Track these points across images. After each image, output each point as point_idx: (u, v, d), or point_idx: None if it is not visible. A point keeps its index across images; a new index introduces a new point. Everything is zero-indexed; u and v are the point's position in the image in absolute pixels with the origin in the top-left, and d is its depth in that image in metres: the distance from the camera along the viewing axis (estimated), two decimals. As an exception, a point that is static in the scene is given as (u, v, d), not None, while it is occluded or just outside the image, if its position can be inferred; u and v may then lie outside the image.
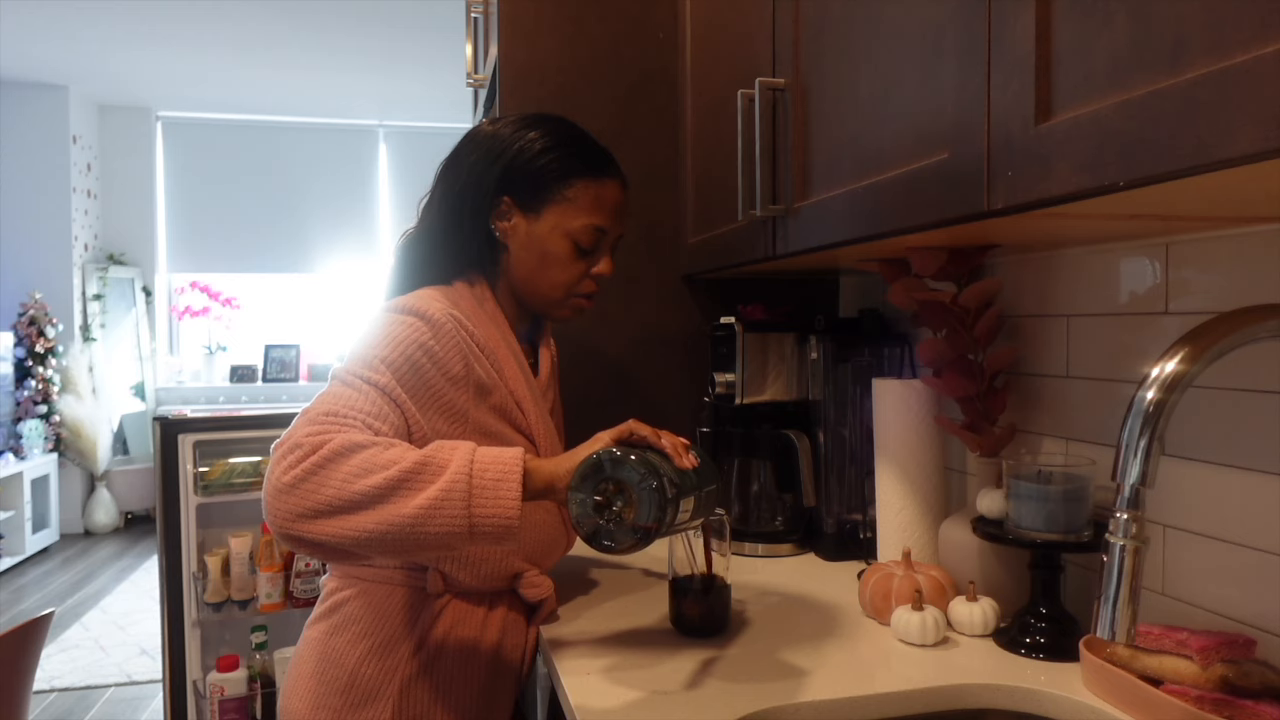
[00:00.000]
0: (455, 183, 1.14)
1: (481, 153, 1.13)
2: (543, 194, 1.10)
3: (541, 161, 1.10)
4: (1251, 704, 0.81)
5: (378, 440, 0.89)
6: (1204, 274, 0.97)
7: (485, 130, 1.15)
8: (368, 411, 0.94)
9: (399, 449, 0.88)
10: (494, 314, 1.13)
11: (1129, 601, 0.65)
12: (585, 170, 1.12)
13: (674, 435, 0.98)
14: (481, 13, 2.07)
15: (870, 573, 1.20)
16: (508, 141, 1.12)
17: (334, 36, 4.81)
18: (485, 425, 1.07)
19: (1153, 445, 0.65)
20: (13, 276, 5.63)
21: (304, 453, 0.87)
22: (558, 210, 1.11)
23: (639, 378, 1.68)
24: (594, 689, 0.98)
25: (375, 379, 0.97)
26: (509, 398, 1.10)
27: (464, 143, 1.16)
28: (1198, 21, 0.54)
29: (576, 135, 1.14)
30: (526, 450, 0.95)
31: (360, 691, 1.06)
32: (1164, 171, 0.56)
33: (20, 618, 4.07)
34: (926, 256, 1.14)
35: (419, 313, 1.03)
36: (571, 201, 1.11)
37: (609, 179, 1.14)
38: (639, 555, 1.50)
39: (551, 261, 1.12)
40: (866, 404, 1.38)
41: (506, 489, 0.86)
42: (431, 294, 1.08)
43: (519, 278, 1.14)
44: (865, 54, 0.96)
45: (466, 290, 1.12)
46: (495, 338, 1.10)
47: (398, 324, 1.02)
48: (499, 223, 1.12)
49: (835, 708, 0.94)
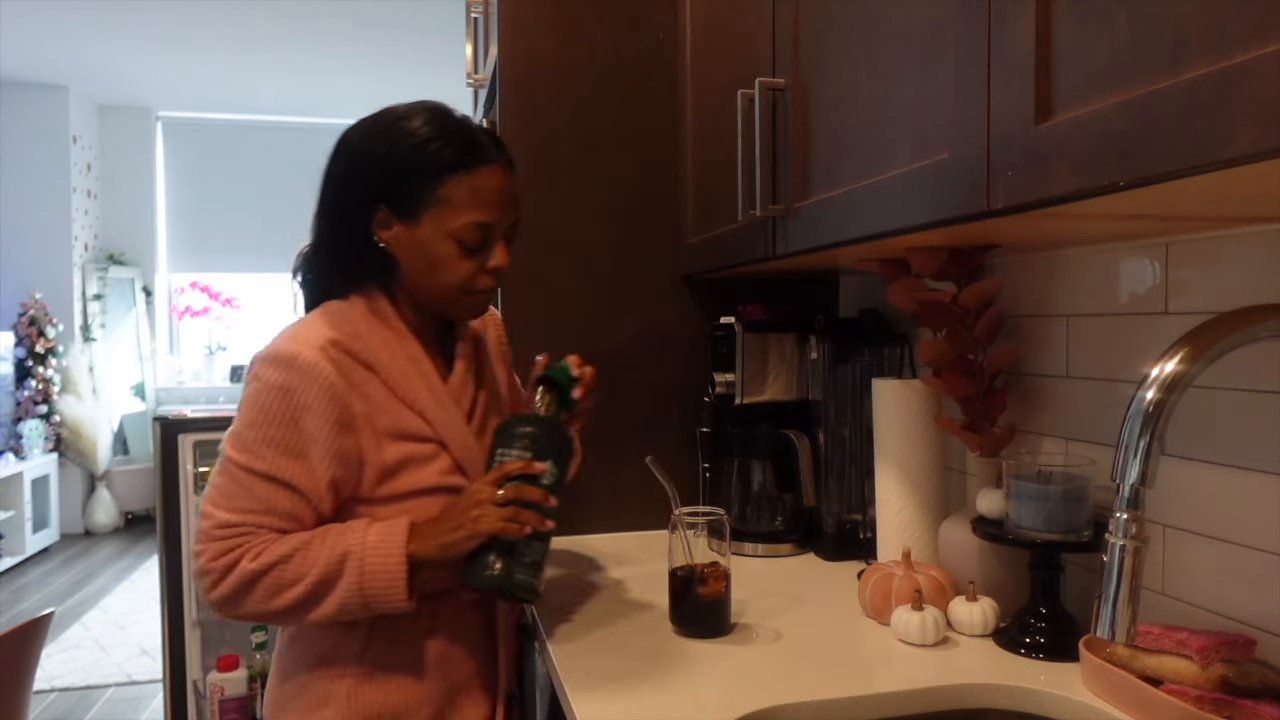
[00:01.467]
0: (330, 197, 1.11)
1: (348, 163, 1.09)
2: (416, 198, 1.05)
3: (407, 164, 1.05)
4: (1251, 704, 0.81)
5: (274, 561, 0.98)
6: (1204, 274, 0.97)
7: (350, 138, 1.10)
8: (258, 511, 0.99)
9: (295, 563, 0.98)
10: (393, 325, 1.10)
11: (1129, 601, 0.65)
12: (455, 165, 1.05)
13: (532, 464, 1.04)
14: (481, 13, 2.07)
15: (870, 573, 1.20)
16: (371, 148, 1.08)
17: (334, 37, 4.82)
18: (384, 462, 1.04)
19: (1153, 445, 0.65)
20: (13, 276, 5.63)
21: (214, 579, 0.98)
22: (435, 213, 1.05)
23: (639, 378, 1.68)
24: (594, 689, 0.98)
25: (255, 466, 0.99)
26: (406, 411, 1.06)
27: (334, 155, 1.11)
28: (1198, 21, 0.54)
29: (440, 128, 1.07)
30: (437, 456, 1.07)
31: (313, 697, 1.07)
32: (1164, 171, 0.56)
33: (20, 618, 4.07)
34: (926, 256, 1.14)
35: (285, 361, 1.00)
36: (447, 202, 1.05)
37: (484, 167, 1.07)
38: (638, 555, 1.50)
39: (440, 265, 1.07)
40: (866, 404, 1.38)
41: (394, 593, 0.99)
42: (311, 324, 1.06)
43: (412, 284, 1.10)
44: (865, 54, 0.96)
45: (362, 304, 1.09)
46: (391, 348, 1.08)
47: (266, 384, 1.00)
48: (381, 232, 1.07)
49: (835, 708, 0.94)
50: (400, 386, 1.07)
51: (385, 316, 1.10)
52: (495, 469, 1.03)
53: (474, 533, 0.99)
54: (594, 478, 1.66)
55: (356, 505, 1.05)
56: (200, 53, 5.06)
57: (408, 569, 0.99)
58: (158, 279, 6.36)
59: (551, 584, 1.37)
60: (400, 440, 1.05)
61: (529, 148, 1.63)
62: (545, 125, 1.64)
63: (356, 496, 1.05)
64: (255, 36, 4.80)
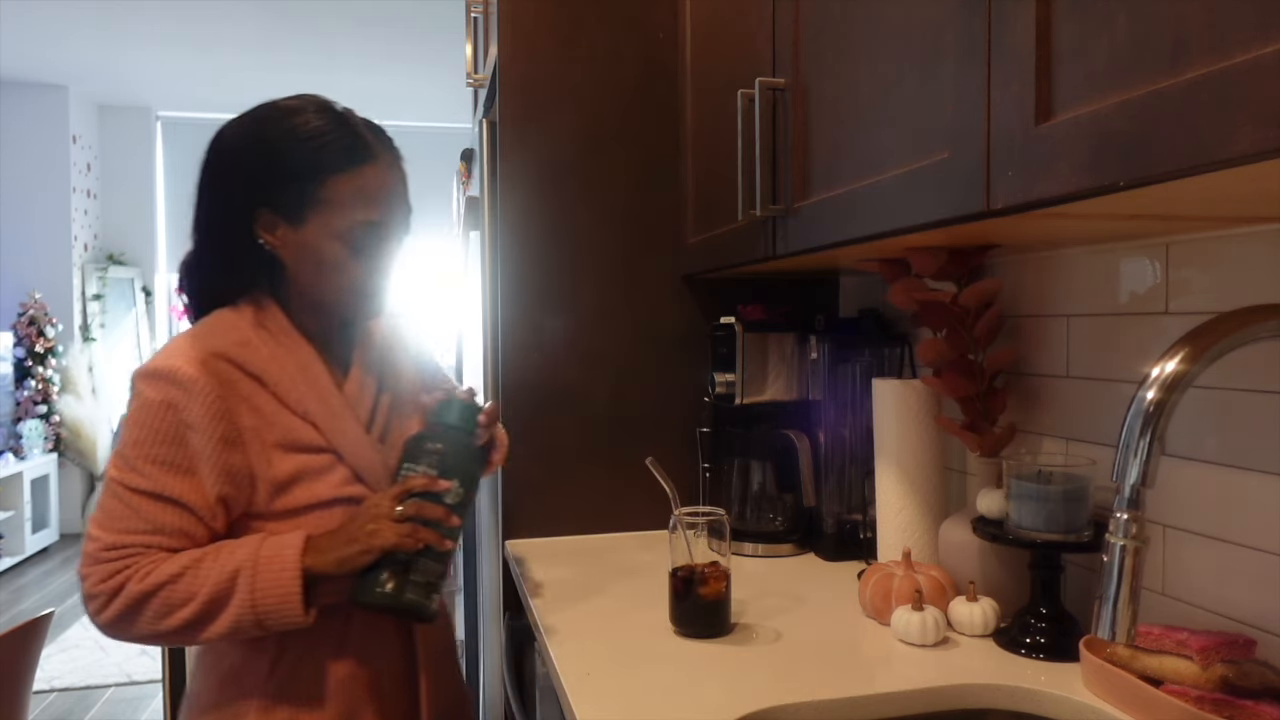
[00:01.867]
0: (208, 203, 1.06)
1: (222, 169, 1.05)
2: (299, 200, 1.01)
3: (287, 166, 1.01)
4: (1251, 704, 0.81)
5: (163, 580, 0.95)
6: (1204, 274, 0.97)
7: (221, 143, 1.05)
8: (145, 531, 0.96)
9: (185, 582, 0.95)
10: (283, 333, 1.05)
11: (1129, 601, 0.65)
12: (338, 165, 1.01)
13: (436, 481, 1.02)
14: (481, 13, 2.07)
15: (870, 573, 1.20)
16: (248, 149, 1.03)
17: (334, 37, 4.82)
18: (276, 476, 1.00)
19: (1153, 445, 0.65)
20: (13, 276, 5.63)
21: (102, 602, 0.95)
22: (321, 215, 1.01)
23: (639, 378, 1.68)
24: (594, 689, 0.98)
25: (141, 485, 0.96)
26: (297, 422, 1.02)
27: (206, 158, 1.06)
28: (1198, 21, 0.54)
29: (321, 126, 1.02)
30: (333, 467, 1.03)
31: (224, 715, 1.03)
32: (1164, 171, 0.56)
33: (20, 618, 4.07)
34: (926, 256, 1.14)
35: (168, 377, 0.97)
36: (331, 203, 1.01)
37: (368, 165, 1.02)
38: (638, 555, 1.50)
39: (330, 268, 1.03)
40: (866, 404, 1.38)
41: (289, 609, 0.96)
42: (195, 335, 1.02)
43: (304, 287, 1.06)
44: (865, 54, 0.96)
45: (250, 312, 1.05)
46: (280, 357, 1.03)
47: (148, 401, 0.97)
48: (266, 236, 1.03)
49: (835, 708, 0.94)
50: (289, 397, 1.02)
51: (275, 323, 1.05)
52: (399, 483, 1.01)
53: (369, 547, 0.97)
54: (594, 478, 1.66)
55: (252, 521, 1.01)
56: (200, 53, 5.06)
57: (303, 583, 0.95)
58: (157, 279, 6.36)
59: (551, 584, 1.37)
60: (292, 452, 1.01)
61: (529, 148, 1.63)
62: (545, 125, 1.64)
63: (251, 513, 1.01)
64: (255, 36, 4.80)
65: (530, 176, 1.64)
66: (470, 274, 1.97)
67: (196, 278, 1.10)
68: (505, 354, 1.64)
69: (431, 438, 1.05)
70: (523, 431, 1.64)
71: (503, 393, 1.64)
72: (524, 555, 1.53)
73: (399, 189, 1.07)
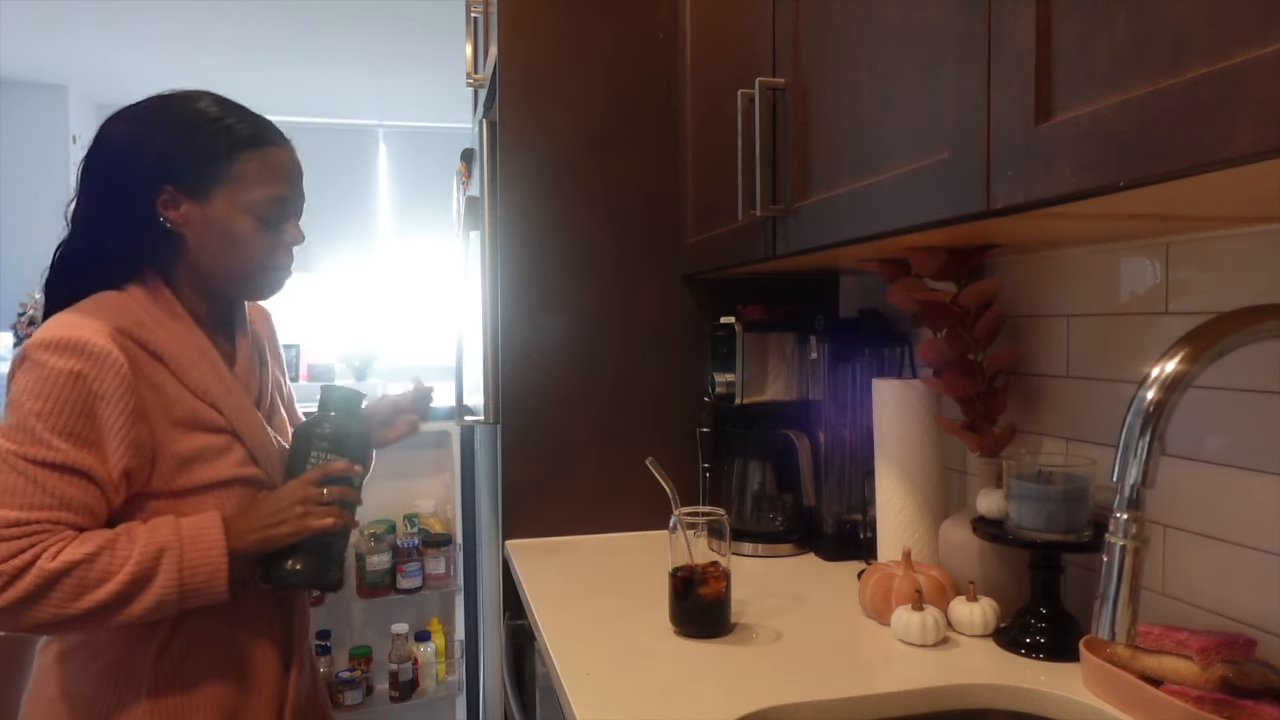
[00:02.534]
0: (104, 184, 1.07)
1: (124, 148, 1.06)
2: (207, 175, 1.05)
3: (196, 142, 1.05)
4: (1251, 704, 0.81)
5: (77, 559, 0.93)
6: (1204, 274, 0.97)
7: (121, 125, 1.08)
8: (53, 506, 0.94)
9: (103, 561, 0.94)
10: (176, 313, 1.07)
11: (1129, 601, 0.65)
12: (247, 142, 1.07)
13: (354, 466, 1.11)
14: (481, 13, 2.07)
15: (870, 573, 1.20)
16: (150, 130, 1.06)
17: (334, 36, 4.81)
18: (179, 453, 1.02)
19: (1153, 445, 0.65)
20: (12, 276, 5.63)
21: (3, 581, 0.91)
22: (229, 189, 1.06)
23: (639, 378, 1.68)
24: (594, 689, 0.98)
25: (47, 457, 0.93)
26: (198, 402, 1.04)
27: (101, 141, 1.09)
28: (1198, 21, 0.54)
29: (228, 109, 1.09)
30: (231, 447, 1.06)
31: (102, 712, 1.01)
32: (1164, 171, 0.56)
33: (20, 618, 4.05)
34: (926, 256, 1.14)
35: (75, 347, 0.95)
36: (241, 178, 1.06)
37: (273, 146, 1.09)
38: (638, 555, 1.50)
39: (239, 241, 1.07)
40: (866, 404, 1.38)
41: (216, 585, 0.99)
42: (89, 312, 1.00)
43: (208, 264, 1.08)
44: (865, 54, 0.96)
45: (142, 294, 1.05)
46: (179, 338, 1.05)
47: (54, 371, 0.94)
48: (168, 212, 1.05)
49: (835, 708, 0.94)
50: (190, 377, 1.04)
51: (168, 305, 1.07)
52: (319, 468, 1.08)
53: (301, 529, 1.03)
54: (594, 478, 1.66)
55: (147, 500, 1.01)
56: (200, 53, 5.05)
57: (229, 561, 0.99)
58: (157, 279, 6.35)
59: (552, 584, 1.37)
60: (194, 431, 1.03)
61: (529, 148, 1.63)
62: (545, 125, 1.64)
63: (147, 491, 1.01)
64: (255, 36, 4.80)
65: (530, 176, 1.64)
66: (470, 274, 1.97)
67: (76, 265, 1.09)
68: (505, 354, 1.64)
69: (329, 423, 1.14)
70: (523, 431, 1.64)
71: (503, 393, 1.64)
72: (524, 555, 1.53)
73: (300, 172, 1.15)
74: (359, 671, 2.62)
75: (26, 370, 0.96)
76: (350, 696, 2.58)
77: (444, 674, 2.74)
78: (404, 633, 2.65)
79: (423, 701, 2.70)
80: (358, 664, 2.64)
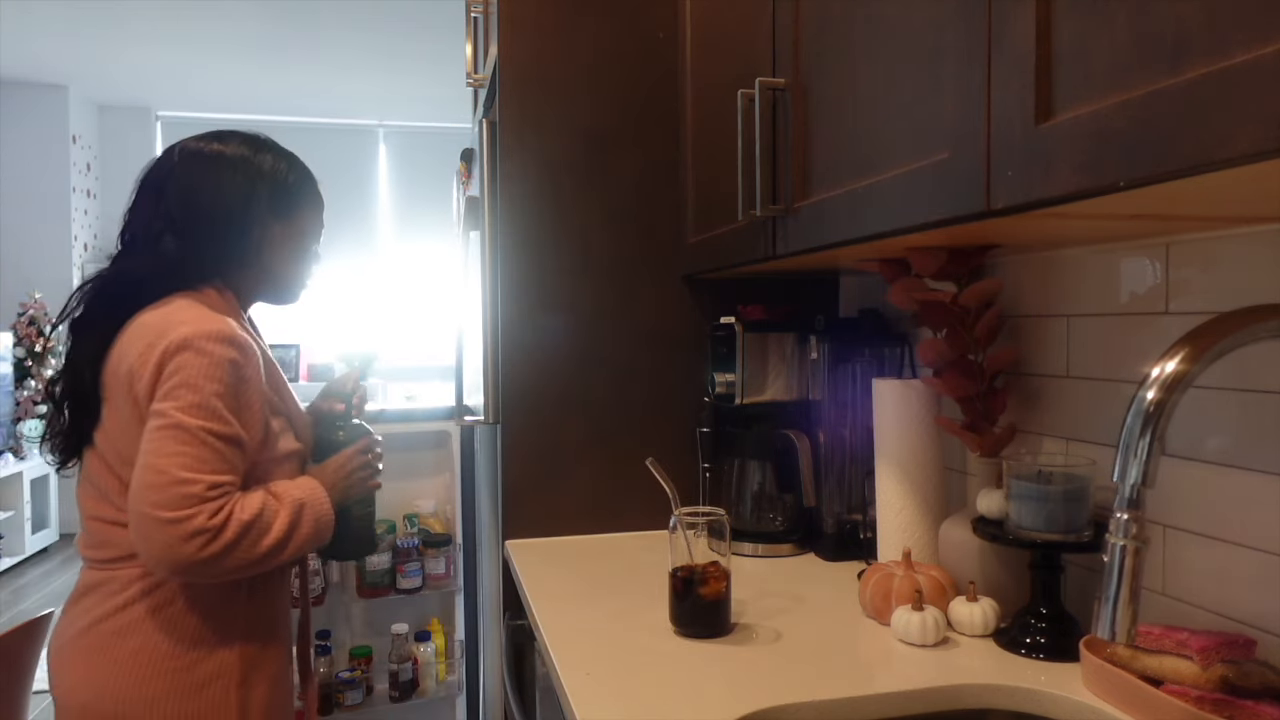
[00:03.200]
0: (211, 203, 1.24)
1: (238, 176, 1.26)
2: (295, 206, 1.31)
3: (291, 180, 1.31)
4: (1251, 704, 0.81)
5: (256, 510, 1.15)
6: (1204, 274, 0.97)
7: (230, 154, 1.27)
8: (230, 470, 1.15)
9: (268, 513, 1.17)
10: (240, 314, 1.29)
11: (1129, 601, 0.65)
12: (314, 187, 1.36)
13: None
14: (481, 12, 2.07)
15: (870, 573, 1.20)
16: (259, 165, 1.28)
17: (334, 36, 4.82)
18: (272, 429, 1.24)
19: (1153, 445, 0.65)
20: (12, 276, 5.63)
21: (210, 536, 1.10)
22: (304, 217, 1.33)
23: (639, 378, 1.68)
24: (594, 688, 0.98)
25: (225, 432, 1.14)
26: (266, 388, 1.24)
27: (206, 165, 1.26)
28: (1198, 21, 0.54)
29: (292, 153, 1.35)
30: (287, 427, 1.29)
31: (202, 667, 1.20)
32: (1164, 171, 0.56)
33: (20, 618, 4.06)
34: (926, 256, 1.14)
35: (228, 339, 1.16)
36: (312, 209, 1.35)
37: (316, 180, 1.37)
38: (638, 555, 1.50)
39: (302, 257, 1.35)
40: (866, 404, 1.38)
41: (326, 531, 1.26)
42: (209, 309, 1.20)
43: (277, 273, 1.32)
44: (865, 54, 0.96)
45: (217, 297, 1.25)
46: (248, 334, 1.23)
47: (221, 358, 1.14)
48: (262, 232, 1.28)
49: (835, 708, 0.94)
50: (265, 366, 1.25)
51: (235, 306, 1.28)
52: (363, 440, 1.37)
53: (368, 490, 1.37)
54: (594, 478, 1.66)
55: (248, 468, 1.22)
56: (200, 53, 5.06)
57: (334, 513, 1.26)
58: (157, 279, 6.35)
59: (551, 583, 1.37)
60: (273, 413, 1.26)
61: (529, 148, 1.63)
62: (545, 125, 1.64)
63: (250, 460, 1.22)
64: (255, 36, 4.80)
65: (530, 176, 1.64)
66: (470, 274, 1.97)
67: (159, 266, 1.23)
68: (505, 354, 1.64)
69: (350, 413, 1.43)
70: (523, 431, 1.64)
71: (503, 393, 1.64)
72: (524, 555, 1.53)
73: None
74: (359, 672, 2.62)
75: (195, 355, 1.13)
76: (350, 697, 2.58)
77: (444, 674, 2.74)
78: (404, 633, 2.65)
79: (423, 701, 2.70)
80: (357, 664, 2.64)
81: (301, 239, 1.33)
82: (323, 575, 2.56)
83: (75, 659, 1.19)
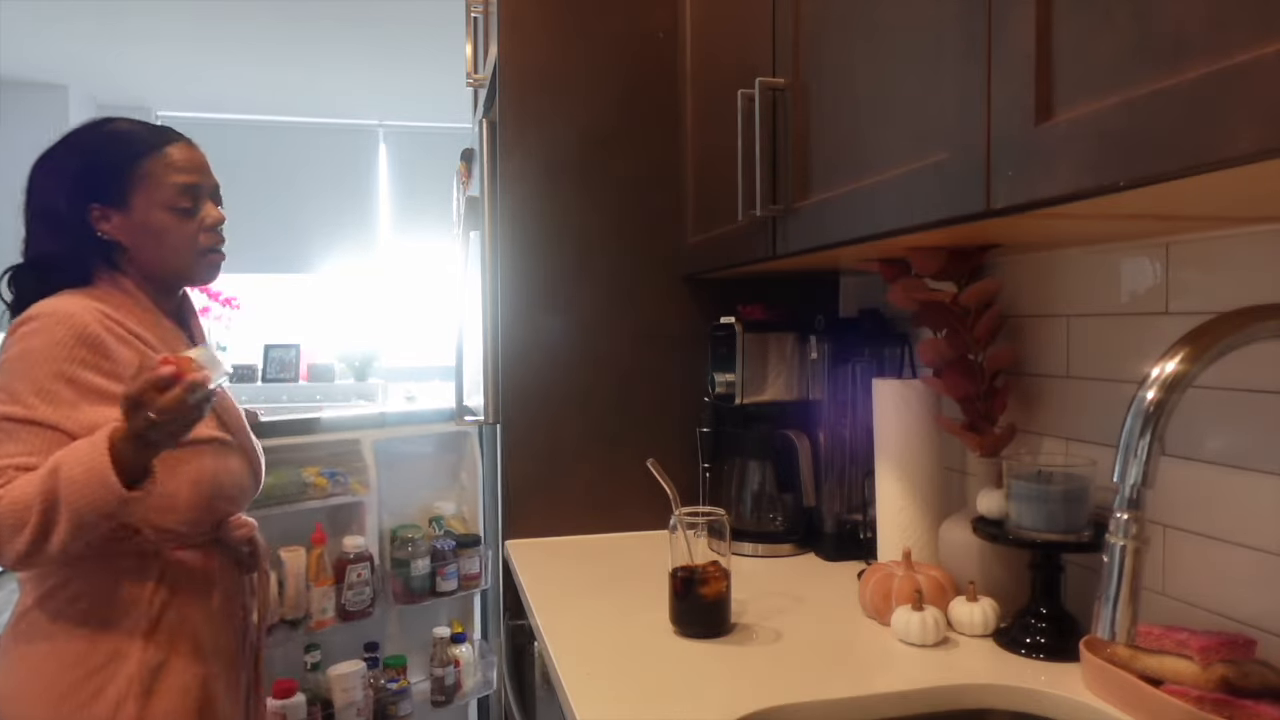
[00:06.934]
0: (42, 218, 1.22)
1: (49, 184, 1.22)
2: (121, 186, 1.20)
3: (105, 161, 1.21)
4: (1251, 704, 0.81)
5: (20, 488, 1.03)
6: (1204, 274, 0.96)
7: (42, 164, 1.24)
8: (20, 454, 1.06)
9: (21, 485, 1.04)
10: (144, 304, 1.23)
11: (1129, 601, 0.65)
12: (146, 146, 1.22)
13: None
14: (481, 13, 2.07)
15: (870, 573, 1.20)
16: (64, 164, 1.22)
17: (334, 36, 4.81)
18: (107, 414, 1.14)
19: (1153, 445, 0.65)
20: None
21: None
22: (143, 192, 1.21)
23: (639, 378, 1.68)
24: (594, 688, 0.98)
25: (26, 415, 1.08)
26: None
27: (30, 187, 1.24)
28: (1198, 21, 0.54)
29: (121, 125, 1.25)
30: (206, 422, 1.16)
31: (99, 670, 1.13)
32: (1164, 171, 0.56)
33: (20, 618, 4.05)
34: (926, 256, 1.14)
35: (58, 315, 1.11)
36: (149, 178, 1.21)
37: (171, 144, 1.24)
38: (638, 555, 1.51)
39: (165, 234, 1.22)
40: (866, 404, 1.38)
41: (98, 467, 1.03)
42: (74, 298, 1.15)
43: (148, 261, 1.23)
44: (865, 54, 0.96)
45: (111, 287, 1.21)
46: (149, 323, 1.21)
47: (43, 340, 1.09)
48: (102, 226, 1.21)
49: (835, 708, 0.94)
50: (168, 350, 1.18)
51: (135, 297, 1.22)
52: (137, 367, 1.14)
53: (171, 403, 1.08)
54: (594, 478, 1.66)
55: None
56: (199, 52, 5.05)
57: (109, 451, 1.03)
58: (157, 279, 6.35)
59: (552, 584, 1.37)
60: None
61: (529, 148, 1.63)
62: (545, 125, 1.64)
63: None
64: (255, 36, 4.80)
65: (530, 176, 1.64)
66: (470, 274, 1.97)
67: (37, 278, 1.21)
68: (505, 354, 1.64)
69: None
70: (523, 431, 1.64)
71: (503, 392, 1.64)
72: (524, 555, 1.53)
73: (204, 161, 1.29)
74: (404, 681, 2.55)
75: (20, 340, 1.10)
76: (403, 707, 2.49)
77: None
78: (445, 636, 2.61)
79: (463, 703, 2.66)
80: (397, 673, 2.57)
81: (151, 211, 1.21)
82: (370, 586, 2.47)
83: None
